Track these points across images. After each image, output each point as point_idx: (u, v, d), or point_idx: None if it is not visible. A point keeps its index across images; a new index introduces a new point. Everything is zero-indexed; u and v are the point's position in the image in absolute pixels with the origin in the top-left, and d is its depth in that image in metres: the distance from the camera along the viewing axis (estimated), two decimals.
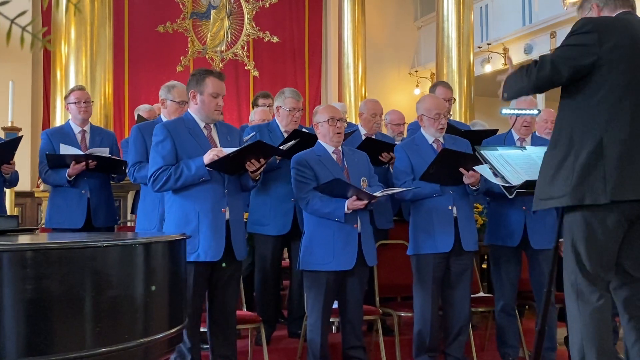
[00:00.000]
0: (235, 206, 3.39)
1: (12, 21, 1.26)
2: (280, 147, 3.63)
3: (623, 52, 2.54)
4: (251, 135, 4.13)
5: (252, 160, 3.28)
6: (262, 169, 3.36)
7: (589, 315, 2.50)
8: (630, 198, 2.48)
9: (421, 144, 3.98)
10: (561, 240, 3.94)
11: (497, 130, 4.94)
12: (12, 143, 4.31)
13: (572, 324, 2.58)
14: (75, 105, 4.48)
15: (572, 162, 2.55)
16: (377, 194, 3.59)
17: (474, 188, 3.80)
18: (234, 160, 3.26)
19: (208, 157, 3.24)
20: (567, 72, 2.58)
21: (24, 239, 2.55)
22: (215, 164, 3.25)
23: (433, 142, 3.97)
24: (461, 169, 3.71)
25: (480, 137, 4.65)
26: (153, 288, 2.30)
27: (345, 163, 3.75)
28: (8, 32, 1.28)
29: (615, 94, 2.54)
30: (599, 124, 2.53)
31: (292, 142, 3.82)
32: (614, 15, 2.70)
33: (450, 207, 3.84)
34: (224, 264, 3.33)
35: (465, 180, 3.76)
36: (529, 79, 2.65)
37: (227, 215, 3.33)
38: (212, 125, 3.43)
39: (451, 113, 5.35)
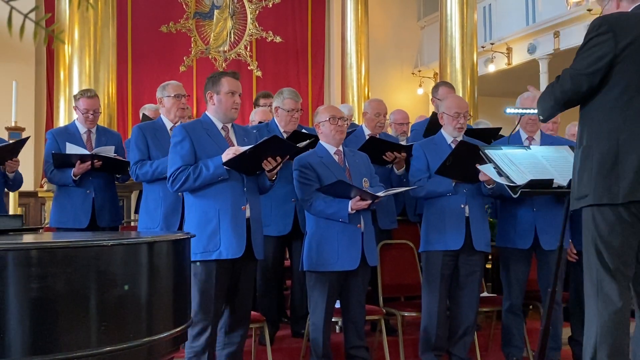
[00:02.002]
0: (255, 205, 3.41)
1: (26, 16, 1.26)
2: (297, 145, 3.63)
3: (639, 51, 2.52)
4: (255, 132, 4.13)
5: (269, 159, 3.30)
6: (278, 168, 3.37)
7: (609, 317, 2.48)
8: None
9: (439, 143, 3.99)
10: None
11: (500, 128, 4.92)
12: (18, 144, 4.33)
13: (589, 321, 2.56)
14: (83, 116, 4.51)
15: (590, 161, 2.55)
16: (381, 194, 3.60)
17: (489, 187, 3.80)
18: (251, 158, 3.27)
19: (226, 156, 3.26)
20: (586, 82, 2.56)
21: (28, 238, 2.55)
22: (233, 163, 3.26)
23: (451, 142, 3.97)
24: (478, 165, 3.71)
25: (482, 136, 4.64)
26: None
27: (346, 164, 3.75)
28: (21, 28, 1.29)
29: (631, 93, 2.53)
30: (615, 123, 2.53)
31: (309, 140, 3.81)
32: (630, 9, 2.66)
33: (462, 206, 3.84)
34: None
35: (481, 177, 3.75)
36: (554, 96, 2.65)
37: (248, 214, 3.34)
38: (229, 127, 3.46)
39: (470, 114, 5.27)
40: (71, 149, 4.36)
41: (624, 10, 2.69)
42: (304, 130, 4.43)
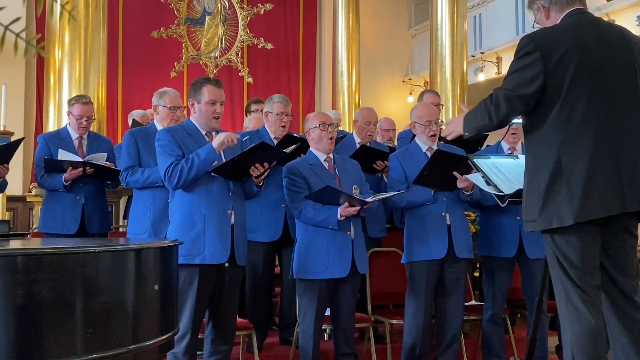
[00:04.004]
0: (240, 210, 3.39)
1: (7, 28, 1.26)
2: (284, 150, 3.64)
3: (570, 67, 2.49)
4: (245, 139, 4.13)
5: (256, 165, 3.28)
6: (265, 173, 3.36)
7: (581, 329, 2.49)
8: (595, 217, 2.47)
9: (415, 153, 3.99)
10: None
11: (486, 136, 4.95)
12: (13, 145, 4.30)
13: (564, 331, 2.58)
14: (77, 122, 4.48)
15: (537, 185, 2.55)
16: (369, 199, 3.60)
17: (467, 193, 3.81)
18: (238, 164, 3.26)
19: (218, 141, 3.24)
20: (521, 103, 2.55)
21: (15, 244, 2.54)
22: (220, 170, 3.25)
23: (427, 150, 3.98)
24: (455, 173, 3.72)
25: (469, 142, 4.65)
26: (156, 287, 2.31)
27: (336, 171, 3.75)
28: (2, 38, 1.28)
29: (567, 111, 2.50)
30: (555, 145, 2.51)
31: (295, 145, 3.82)
32: (560, 18, 2.64)
33: (443, 214, 3.84)
34: (226, 264, 3.30)
35: (459, 184, 3.76)
36: (489, 118, 2.61)
37: (232, 219, 3.32)
38: (213, 133, 3.43)
39: (442, 120, 5.38)
40: (63, 155, 4.34)
41: (553, 20, 2.67)
42: (295, 136, 4.43)
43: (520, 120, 3.75)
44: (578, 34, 2.55)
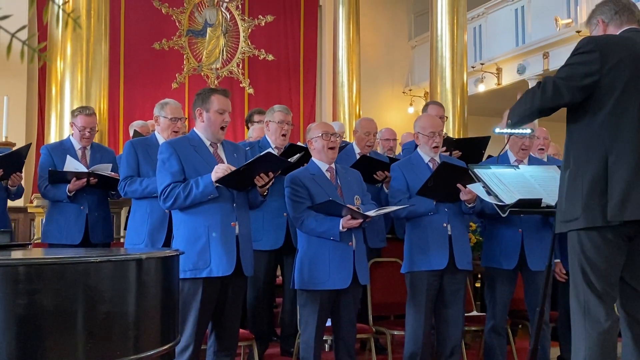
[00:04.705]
0: (244, 221, 3.38)
1: (13, 35, 1.27)
2: (289, 160, 3.65)
3: (626, 72, 2.55)
4: (246, 149, 4.14)
5: (261, 175, 3.29)
6: (270, 183, 3.36)
7: (596, 337, 2.50)
8: (633, 218, 2.49)
9: (417, 163, 4.00)
10: (556, 260, 3.97)
11: (489, 137, 4.96)
12: (22, 152, 4.32)
13: (577, 341, 2.58)
14: (80, 133, 4.50)
15: (580, 184, 2.57)
16: (372, 213, 3.59)
17: (470, 205, 3.81)
18: (244, 174, 3.26)
19: (216, 174, 3.23)
20: (568, 93, 2.58)
21: (16, 254, 2.54)
22: (225, 180, 3.24)
23: (429, 161, 3.99)
24: (458, 185, 3.73)
25: (472, 145, 4.66)
26: None
27: (338, 181, 3.75)
28: (9, 46, 1.30)
29: (618, 114, 2.54)
30: (603, 145, 2.54)
31: (299, 154, 3.82)
32: (618, 33, 2.70)
33: (445, 225, 3.85)
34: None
35: (462, 196, 3.77)
36: (532, 102, 2.67)
37: (237, 230, 3.31)
38: (218, 143, 3.44)
39: (445, 132, 5.42)
40: (70, 162, 4.35)
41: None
42: (298, 143, 4.45)
43: (528, 131, 3.75)
44: (634, 48, 2.61)
